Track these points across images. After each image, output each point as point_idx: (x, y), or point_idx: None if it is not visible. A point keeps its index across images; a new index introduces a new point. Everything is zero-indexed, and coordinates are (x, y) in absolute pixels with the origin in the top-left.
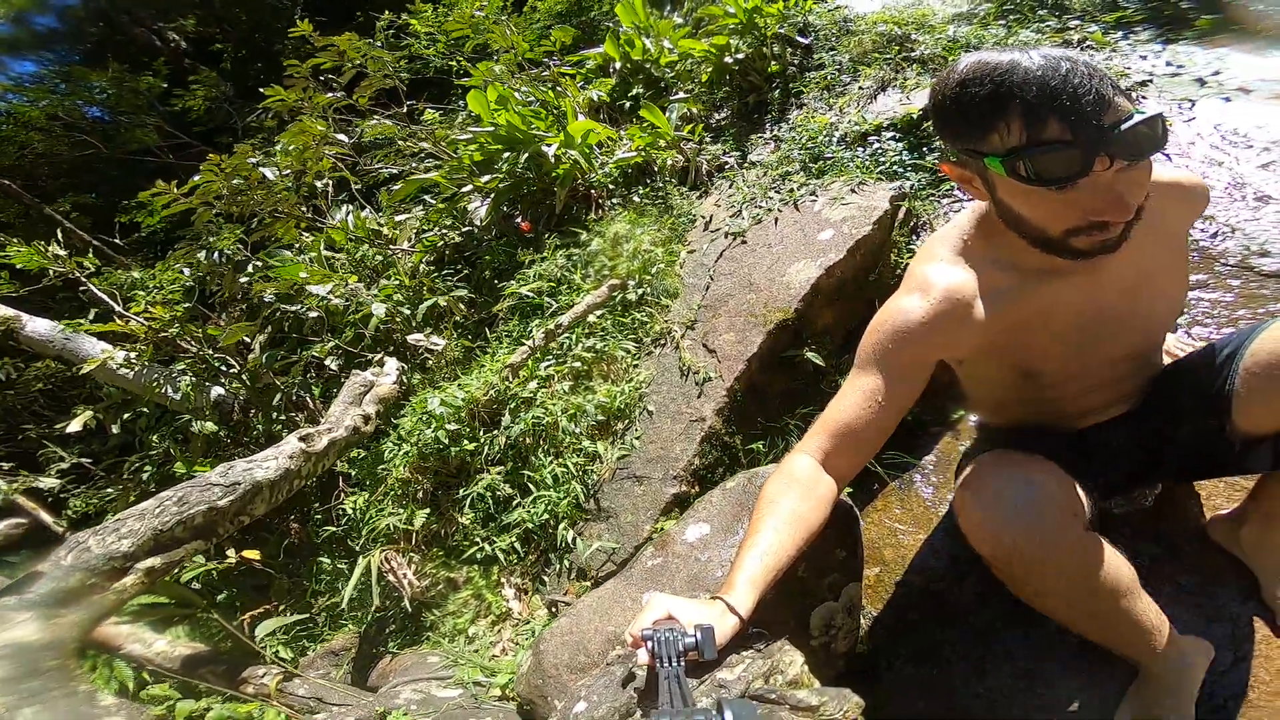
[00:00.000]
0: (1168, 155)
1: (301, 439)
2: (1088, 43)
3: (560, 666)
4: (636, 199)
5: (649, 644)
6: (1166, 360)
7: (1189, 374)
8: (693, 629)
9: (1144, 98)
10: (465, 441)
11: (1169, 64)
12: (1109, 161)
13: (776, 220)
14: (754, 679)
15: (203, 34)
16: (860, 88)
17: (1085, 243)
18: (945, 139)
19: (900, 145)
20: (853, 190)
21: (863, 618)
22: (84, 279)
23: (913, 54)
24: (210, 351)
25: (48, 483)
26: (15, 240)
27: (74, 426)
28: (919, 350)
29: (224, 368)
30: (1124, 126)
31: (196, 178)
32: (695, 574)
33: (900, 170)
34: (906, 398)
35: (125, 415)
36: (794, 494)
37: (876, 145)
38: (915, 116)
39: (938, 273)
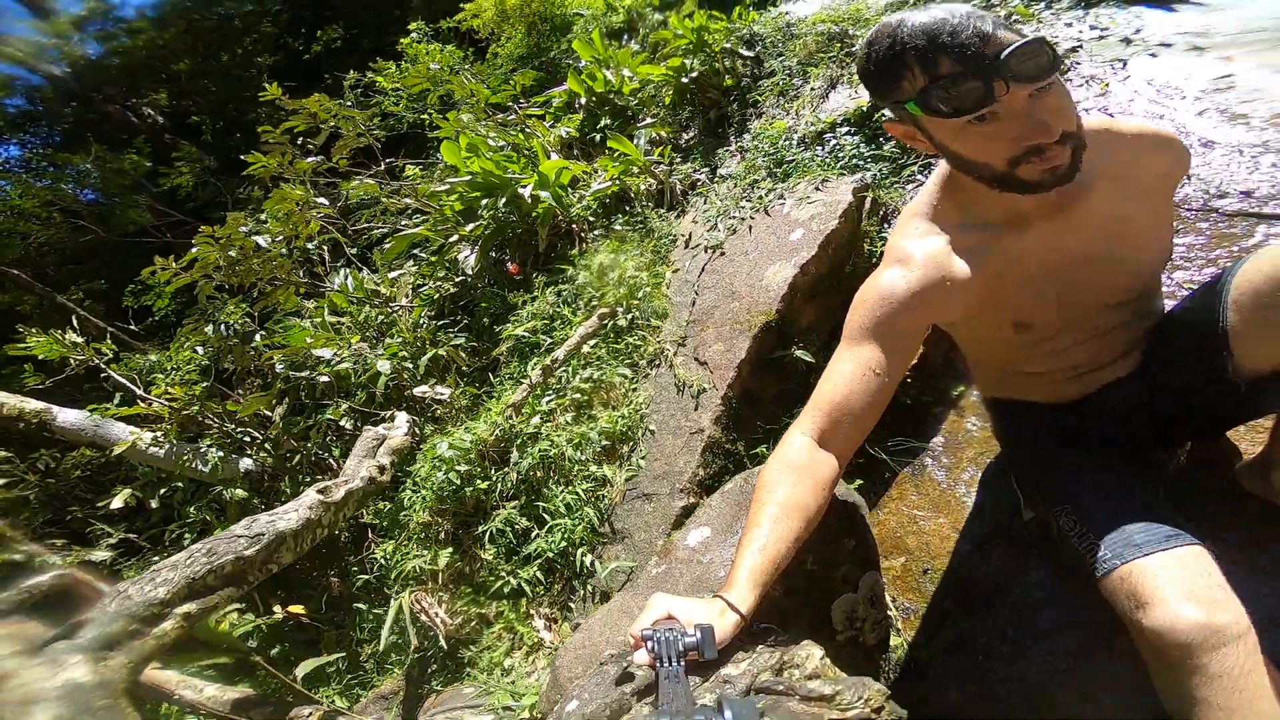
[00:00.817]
0: (1109, 115)
1: (319, 491)
2: (1013, 17)
3: (573, 679)
4: (617, 227)
5: (649, 644)
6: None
7: (1184, 320)
8: (693, 628)
9: (1078, 63)
10: (478, 480)
11: (1093, 28)
12: (1005, 86)
13: (750, 228)
14: (761, 673)
15: (177, 108)
16: (811, 88)
17: (1032, 172)
18: (875, 99)
19: (856, 138)
20: (817, 188)
21: (895, 608)
22: (104, 365)
23: (854, 48)
24: (232, 425)
25: (99, 555)
26: (34, 330)
27: (115, 504)
28: (910, 319)
29: (247, 439)
30: (1005, 52)
31: (194, 250)
32: (699, 577)
33: (860, 163)
34: (898, 367)
35: (162, 490)
36: (790, 479)
37: (834, 141)
38: (866, 109)
39: (915, 244)
